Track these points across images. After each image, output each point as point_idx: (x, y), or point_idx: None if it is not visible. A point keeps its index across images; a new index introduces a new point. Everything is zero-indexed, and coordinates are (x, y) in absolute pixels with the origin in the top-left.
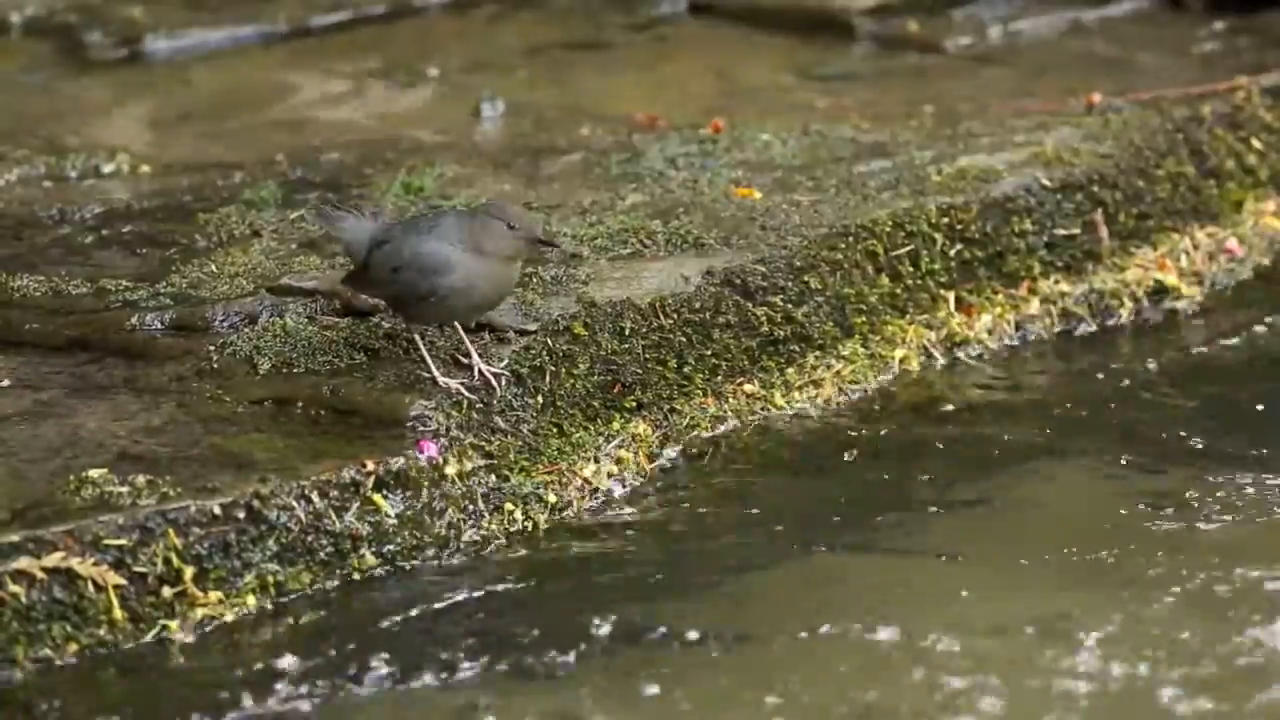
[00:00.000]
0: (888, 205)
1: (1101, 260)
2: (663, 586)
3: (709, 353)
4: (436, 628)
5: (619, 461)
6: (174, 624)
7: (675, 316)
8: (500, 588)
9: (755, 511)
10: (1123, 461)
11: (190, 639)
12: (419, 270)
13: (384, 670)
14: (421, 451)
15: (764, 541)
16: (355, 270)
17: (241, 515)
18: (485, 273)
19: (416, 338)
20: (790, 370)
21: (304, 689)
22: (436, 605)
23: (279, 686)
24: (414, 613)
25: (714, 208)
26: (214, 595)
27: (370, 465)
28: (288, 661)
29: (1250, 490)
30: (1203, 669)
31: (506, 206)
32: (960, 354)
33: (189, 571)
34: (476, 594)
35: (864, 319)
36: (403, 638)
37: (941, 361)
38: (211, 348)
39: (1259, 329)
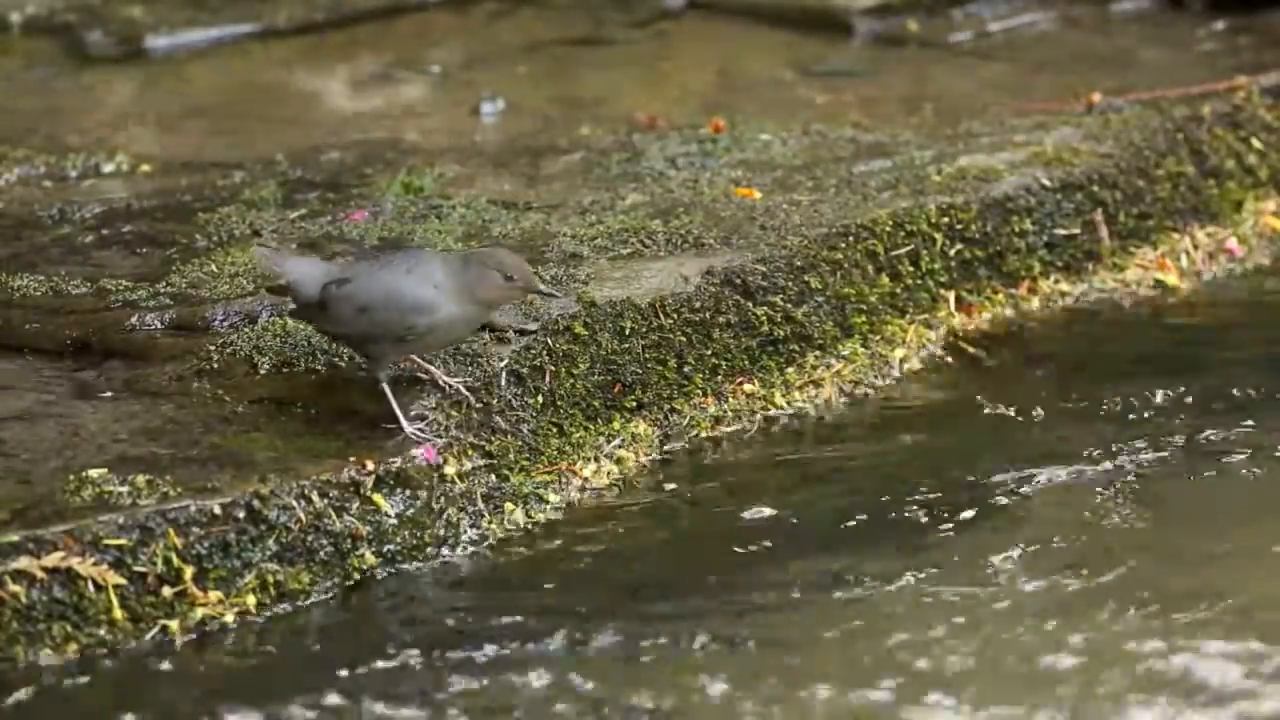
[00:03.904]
0: (888, 205)
1: (1101, 260)
2: (662, 587)
3: (709, 352)
4: (436, 627)
5: (619, 461)
6: (174, 624)
7: (675, 316)
8: (499, 587)
9: (755, 513)
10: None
11: (190, 638)
12: (396, 309)
13: (383, 670)
14: (421, 453)
15: (764, 544)
16: (306, 305)
17: (241, 515)
18: (466, 317)
19: (385, 387)
20: (790, 370)
21: (303, 689)
22: (436, 604)
23: (278, 687)
24: (413, 612)
25: (714, 208)
26: (214, 595)
27: (370, 465)
28: (286, 661)
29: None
30: None
31: (504, 256)
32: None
33: (189, 571)
34: (476, 593)
35: (864, 319)
36: (402, 637)
37: (940, 358)
38: (211, 348)
39: (1255, 324)
